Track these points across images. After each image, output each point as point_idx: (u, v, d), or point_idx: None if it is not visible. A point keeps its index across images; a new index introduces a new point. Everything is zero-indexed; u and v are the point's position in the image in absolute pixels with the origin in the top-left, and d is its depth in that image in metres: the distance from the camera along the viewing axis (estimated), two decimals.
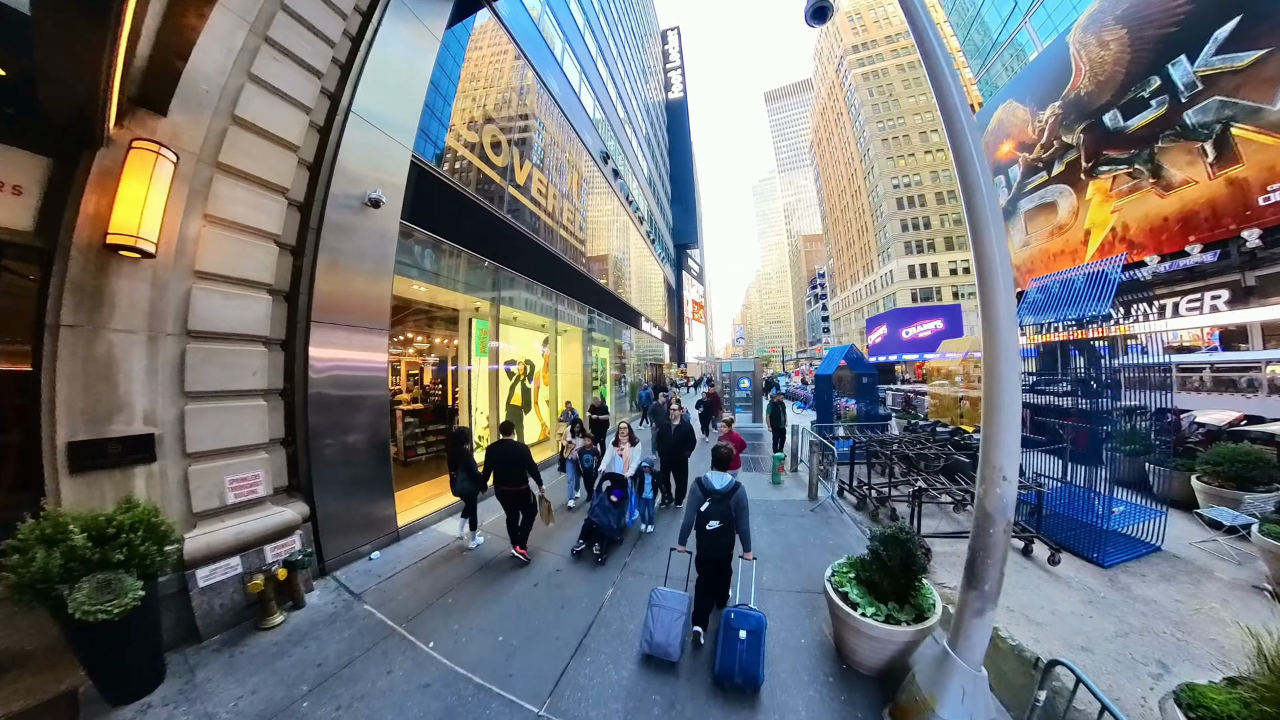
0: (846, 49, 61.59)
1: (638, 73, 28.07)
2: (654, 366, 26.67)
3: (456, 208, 7.04)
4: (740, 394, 16.46)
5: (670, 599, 3.42)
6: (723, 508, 3.45)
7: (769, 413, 10.13)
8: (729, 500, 3.46)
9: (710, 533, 3.45)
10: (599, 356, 14.90)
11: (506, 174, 8.65)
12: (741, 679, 3.02)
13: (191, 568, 3.70)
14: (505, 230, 8.34)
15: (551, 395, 11.07)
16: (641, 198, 23.97)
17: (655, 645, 3.28)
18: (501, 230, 8.22)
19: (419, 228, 6.23)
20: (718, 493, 3.50)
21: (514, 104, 9.26)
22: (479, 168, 7.78)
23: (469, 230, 7.28)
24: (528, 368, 9.97)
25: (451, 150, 7.08)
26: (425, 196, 6.31)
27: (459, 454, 5.36)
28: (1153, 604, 3.96)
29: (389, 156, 5.49)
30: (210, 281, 3.98)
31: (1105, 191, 23.09)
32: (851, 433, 8.28)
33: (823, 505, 6.79)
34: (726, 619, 3.18)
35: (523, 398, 9.73)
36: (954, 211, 49.80)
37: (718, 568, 3.55)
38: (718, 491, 3.51)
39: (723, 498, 3.48)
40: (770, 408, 10.11)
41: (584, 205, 13.42)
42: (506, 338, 9.51)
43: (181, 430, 3.78)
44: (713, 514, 3.47)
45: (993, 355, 2.25)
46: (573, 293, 11.62)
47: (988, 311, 2.35)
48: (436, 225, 6.53)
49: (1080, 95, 24.31)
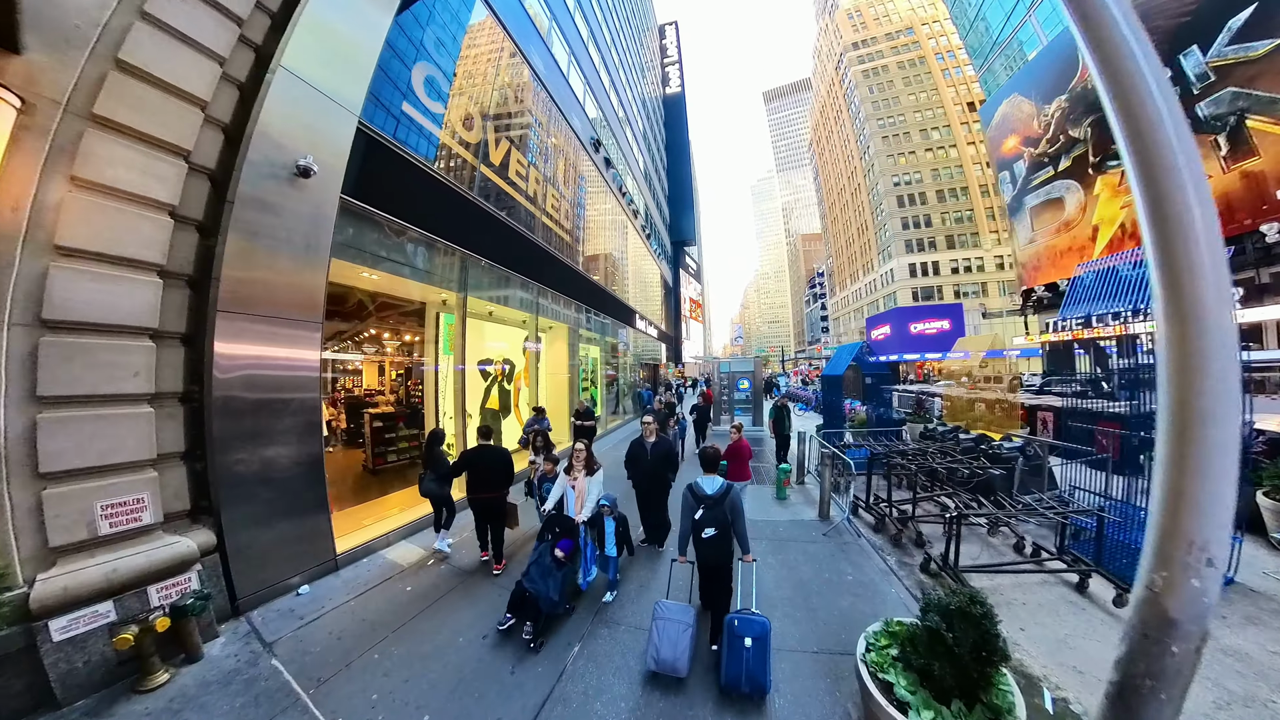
0: (846, 46, 60.94)
1: (634, 65, 27.30)
2: (650, 367, 25.85)
3: (417, 186, 6.26)
4: (740, 396, 15.47)
5: (674, 611, 3.26)
6: (717, 513, 3.33)
7: (772, 417, 9.27)
8: (723, 505, 3.33)
9: (707, 540, 3.34)
10: (589, 356, 14.10)
11: (479, 151, 7.85)
12: (749, 687, 2.92)
13: (43, 617, 2.92)
14: (475, 214, 7.54)
15: (536, 398, 10.31)
16: (637, 192, 23.21)
17: (662, 662, 3.09)
18: (471, 213, 7.43)
19: (371, 206, 5.44)
20: (710, 498, 3.37)
21: (490, 78, 8.48)
22: (445, 144, 7.00)
23: (432, 212, 6.50)
24: (506, 368, 9.20)
25: (412, 121, 6.29)
26: (377, 171, 5.53)
27: (431, 455, 5.35)
28: (1246, 658, 3.22)
29: (327, 119, 4.70)
30: (76, 260, 3.19)
31: (1114, 187, 22.42)
32: (864, 440, 7.46)
33: (836, 528, 5.96)
34: (730, 626, 3.06)
35: (500, 400, 8.95)
36: (955, 209, 49.19)
37: (716, 574, 3.44)
38: (710, 497, 3.38)
39: (715, 502, 3.35)
40: (773, 412, 9.24)
41: (573, 196, 12.64)
42: (481, 334, 8.73)
43: (33, 445, 3.00)
44: (707, 520, 3.33)
45: (1188, 349, 1.31)
46: (558, 286, 10.79)
47: (1174, 279, 1.35)
48: (392, 204, 5.75)
49: (1087, 88, 23.65)
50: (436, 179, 6.65)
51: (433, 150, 6.74)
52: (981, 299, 46.07)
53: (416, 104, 6.37)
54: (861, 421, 8.95)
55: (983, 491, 5.59)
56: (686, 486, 3.51)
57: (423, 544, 5.53)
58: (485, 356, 8.74)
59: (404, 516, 6.10)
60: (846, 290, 68.14)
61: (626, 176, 20.22)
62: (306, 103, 4.53)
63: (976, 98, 53.07)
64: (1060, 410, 9.43)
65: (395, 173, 5.90)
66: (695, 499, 3.41)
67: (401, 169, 6.01)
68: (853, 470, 6.60)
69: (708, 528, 3.31)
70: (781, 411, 9.18)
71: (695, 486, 3.45)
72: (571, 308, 12.01)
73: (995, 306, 44.58)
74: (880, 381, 9.20)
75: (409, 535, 5.83)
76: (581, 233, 12.78)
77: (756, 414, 14.90)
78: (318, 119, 4.62)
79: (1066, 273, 24.57)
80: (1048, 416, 9.43)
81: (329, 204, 4.68)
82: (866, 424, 8.80)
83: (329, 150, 4.70)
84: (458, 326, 7.13)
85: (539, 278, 9.73)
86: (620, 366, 17.61)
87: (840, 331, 71.59)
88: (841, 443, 7.68)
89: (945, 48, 54.92)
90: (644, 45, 33.30)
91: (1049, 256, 25.70)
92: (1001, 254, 46.59)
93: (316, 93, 4.61)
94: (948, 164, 50.93)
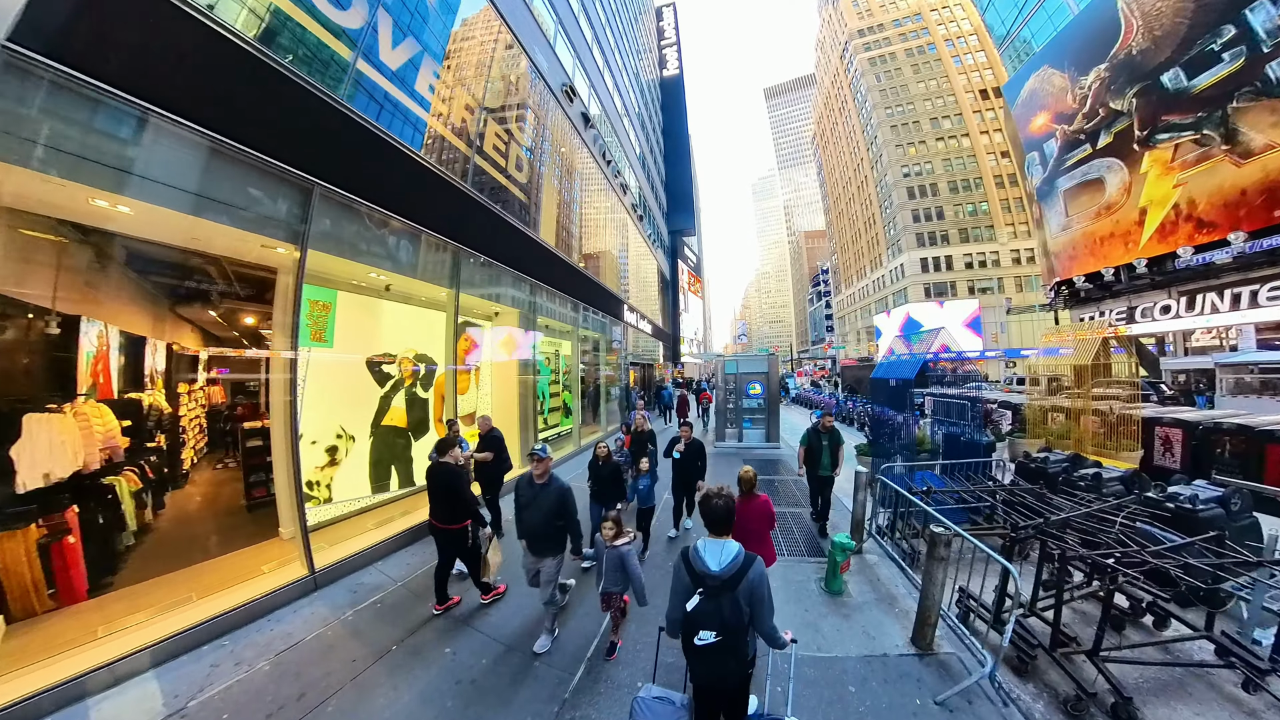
0: (851, 34, 58.43)
1: (629, 45, 24.71)
2: (643, 367, 23.17)
3: (218, 60, 3.71)
4: (750, 403, 11.67)
5: (658, 710, 2.12)
6: (726, 604, 1.89)
7: (806, 444, 5.79)
8: (735, 590, 1.89)
9: (704, 650, 1.92)
10: (555, 353, 11.46)
11: (357, 42, 5.26)
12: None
13: None
14: (340, 124, 4.95)
15: (455, 409, 7.74)
16: (629, 170, 20.66)
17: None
18: (333, 124, 4.86)
19: (98, 81, 2.90)
20: (715, 577, 1.94)
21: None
22: (285, 10, 4.43)
23: (257, 112, 3.97)
24: (421, 369, 6.62)
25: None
26: (124, 17, 3.00)
27: None
28: None
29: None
30: None
31: (1165, 163, 19.83)
32: (949, 483, 4.72)
33: (947, 665, 3.25)
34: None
35: (408, 414, 6.37)
36: (969, 201, 46.55)
37: (718, 701, 2.03)
38: (714, 575, 1.94)
39: (724, 587, 1.91)
40: (811, 437, 5.74)
41: (531, 143, 10.06)
42: (372, 316, 6.19)
43: None
44: (706, 615, 1.91)
45: None
46: (505, 259, 8.15)
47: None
48: (163, 88, 3.23)
49: (1132, 55, 21.10)
50: (267, 63, 4.08)
51: (265, 19, 4.19)
52: (999, 294, 43.44)
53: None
54: (923, 446, 6.19)
55: (1157, 577, 3.01)
56: (680, 554, 2.13)
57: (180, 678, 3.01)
58: (383, 353, 6.17)
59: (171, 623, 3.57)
60: (853, 287, 65.47)
61: (615, 149, 17.63)
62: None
63: (990, 85, 50.51)
64: (1194, 427, 6.84)
65: (171, 33, 3.35)
66: (692, 576, 2.00)
67: (192, 31, 3.47)
68: (973, 553, 3.69)
69: (704, 629, 1.90)
70: (823, 437, 5.60)
71: (693, 556, 2.04)
72: (524, 289, 9.40)
73: (1016, 303, 41.97)
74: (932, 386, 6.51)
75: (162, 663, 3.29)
76: (538, 191, 10.03)
77: (772, 427, 11.52)
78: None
79: (1108, 261, 21.97)
80: (1173, 435, 6.82)
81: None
82: (930, 448, 6.10)
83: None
84: (299, 300, 4.54)
85: (470, 243, 7.14)
86: (600, 364, 14.98)
87: (845, 330, 68.90)
88: (916, 489, 4.88)
89: (956, 34, 52.46)
90: (640, 27, 30.72)
91: (1087, 244, 23.12)
92: (1018, 248, 43.99)
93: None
94: (960, 154, 48.33)
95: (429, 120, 6.46)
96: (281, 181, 4.37)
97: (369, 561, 5.12)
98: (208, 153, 3.74)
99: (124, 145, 3.34)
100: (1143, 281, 20.79)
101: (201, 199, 3.81)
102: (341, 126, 4.97)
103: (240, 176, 4.04)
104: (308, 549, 4.50)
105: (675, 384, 24.25)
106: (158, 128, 3.42)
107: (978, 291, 44.24)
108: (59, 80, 2.91)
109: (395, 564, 5.15)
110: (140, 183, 3.43)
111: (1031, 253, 43.05)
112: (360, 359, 5.99)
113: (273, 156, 4.14)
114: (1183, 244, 19.01)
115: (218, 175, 3.87)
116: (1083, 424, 6.93)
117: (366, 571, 4.96)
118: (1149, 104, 20.38)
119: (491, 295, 8.19)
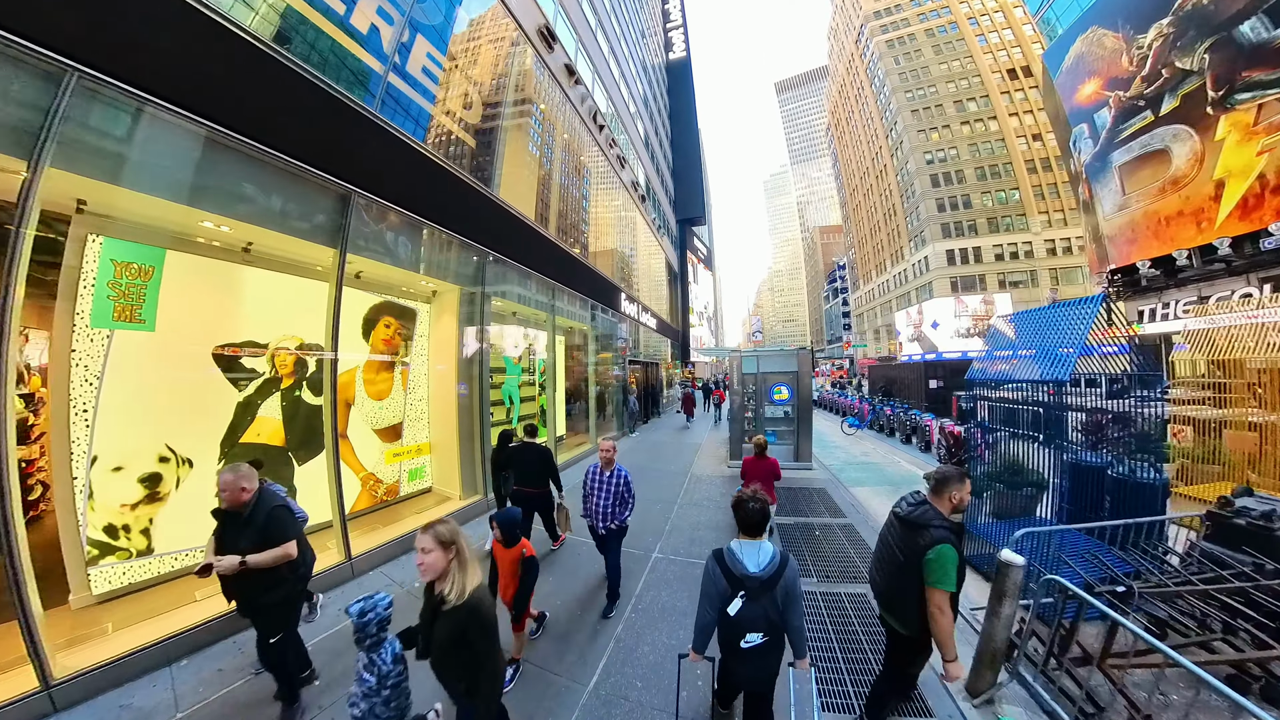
0: (867, 16, 55.69)
1: (634, 27, 22.74)
2: (646, 366, 21.08)
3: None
4: (774, 411, 9.21)
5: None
6: (766, 605, 1.86)
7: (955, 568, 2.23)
8: (774, 590, 1.88)
9: (751, 652, 1.89)
10: (528, 347, 9.45)
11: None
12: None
13: None
14: (182, 22, 3.11)
15: (364, 413, 5.86)
16: (630, 149, 18.69)
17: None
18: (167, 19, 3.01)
19: None
20: (754, 578, 1.89)
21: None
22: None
23: None
24: (304, 361, 4.71)
25: None
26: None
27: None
28: None
29: None
30: None
31: (1246, 127, 17.20)
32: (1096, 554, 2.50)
33: None
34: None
35: (288, 428, 4.46)
36: (999, 188, 43.54)
37: (754, 702, 2.06)
38: (754, 577, 1.90)
39: (764, 587, 1.88)
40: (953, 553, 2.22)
41: (488, 87, 8.14)
42: (225, 289, 4.30)
43: None
44: (753, 617, 1.87)
45: None
46: (437, 217, 5.91)
47: None
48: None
49: (1202, 5, 18.51)
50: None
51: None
52: (1033, 287, 40.42)
53: None
54: (1022, 476, 3.83)
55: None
56: (712, 557, 2.00)
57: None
58: (244, 340, 4.27)
59: None
60: (872, 283, 62.52)
61: (613, 116, 15.69)
62: None
63: (1018, 64, 47.39)
64: None
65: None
66: (730, 580, 1.91)
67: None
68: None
69: (751, 632, 1.86)
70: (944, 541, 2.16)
71: (729, 559, 1.95)
72: (472, 262, 7.46)
73: (1045, 297, 38.92)
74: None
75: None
76: (500, 142, 8.00)
77: (803, 442, 8.85)
78: None
79: (1174, 244, 19.31)
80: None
81: None
82: (1035, 482, 3.86)
83: None
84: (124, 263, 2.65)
85: (397, 197, 5.21)
86: (590, 362, 13.00)
87: (864, 328, 65.92)
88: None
89: (980, 10, 49.43)
90: (644, 9, 28.71)
91: (1149, 225, 20.47)
92: (1053, 237, 40.90)
93: None
94: (987, 138, 45.31)
95: (337, 35, 4.56)
96: (104, 103, 2.46)
97: (157, 664, 3.19)
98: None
99: None
100: (1218, 267, 18.09)
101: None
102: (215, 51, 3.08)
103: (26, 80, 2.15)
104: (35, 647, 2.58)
105: (684, 385, 22.61)
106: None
107: (1009, 285, 41.26)
108: None
109: (196, 667, 3.21)
110: None
111: (1069, 243, 39.93)
112: (204, 349, 4.10)
113: (79, 62, 2.25)
114: (1271, 220, 16.33)
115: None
116: (1179, 439, 4.64)
117: (146, 680, 3.04)
118: (1225, 59, 17.76)
119: (417, 265, 6.02)
